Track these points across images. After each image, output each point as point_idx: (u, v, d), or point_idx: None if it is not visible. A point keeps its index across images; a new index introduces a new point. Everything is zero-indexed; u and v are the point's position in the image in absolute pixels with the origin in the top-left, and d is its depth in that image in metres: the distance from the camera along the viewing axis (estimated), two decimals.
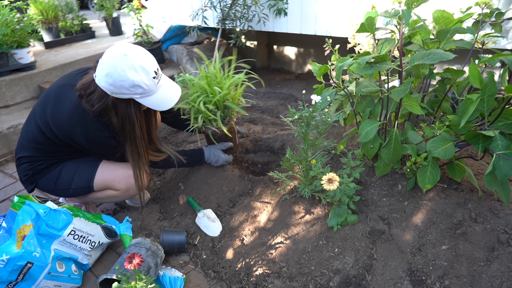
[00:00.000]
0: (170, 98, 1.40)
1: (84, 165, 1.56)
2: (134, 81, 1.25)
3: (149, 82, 1.29)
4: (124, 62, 1.24)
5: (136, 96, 1.31)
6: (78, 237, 1.44)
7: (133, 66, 1.24)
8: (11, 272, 1.24)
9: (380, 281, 1.32)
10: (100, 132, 1.40)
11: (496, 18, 1.49)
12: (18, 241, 1.30)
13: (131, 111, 1.35)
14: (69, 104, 1.37)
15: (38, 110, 1.45)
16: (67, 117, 1.37)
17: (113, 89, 1.27)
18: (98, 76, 1.29)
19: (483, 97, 1.24)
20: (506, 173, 1.20)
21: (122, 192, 1.60)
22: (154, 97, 1.34)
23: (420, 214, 1.48)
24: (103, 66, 1.26)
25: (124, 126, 1.38)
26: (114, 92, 1.28)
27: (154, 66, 1.32)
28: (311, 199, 1.67)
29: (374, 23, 1.37)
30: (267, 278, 1.41)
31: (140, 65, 1.25)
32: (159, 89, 1.36)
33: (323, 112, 1.47)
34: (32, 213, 1.34)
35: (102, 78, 1.27)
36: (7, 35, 2.95)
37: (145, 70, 1.27)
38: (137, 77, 1.25)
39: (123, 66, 1.23)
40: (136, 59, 1.25)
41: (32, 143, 1.47)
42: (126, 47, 1.28)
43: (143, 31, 3.66)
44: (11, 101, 3.11)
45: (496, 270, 1.22)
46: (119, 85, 1.25)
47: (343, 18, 2.61)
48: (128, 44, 1.30)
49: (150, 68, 1.29)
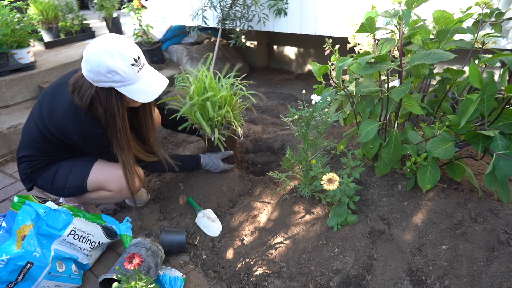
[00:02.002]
0: (153, 89, 1.34)
1: (79, 165, 1.55)
2: (110, 66, 1.21)
3: (127, 69, 1.25)
4: (101, 47, 1.22)
5: (115, 84, 1.27)
6: (78, 237, 1.44)
7: (109, 51, 1.22)
8: (11, 272, 1.24)
9: (380, 281, 1.32)
10: (93, 128, 1.38)
11: (496, 18, 1.49)
12: (18, 241, 1.30)
13: (112, 101, 1.31)
14: (63, 101, 1.36)
15: (36, 110, 1.46)
16: (62, 115, 1.37)
17: (92, 76, 1.25)
18: (82, 66, 1.28)
19: (483, 97, 1.24)
20: (506, 173, 1.20)
21: (115, 193, 1.58)
22: (134, 87, 1.30)
23: (420, 214, 1.48)
24: (84, 54, 1.25)
25: (106, 117, 1.35)
26: (94, 80, 1.26)
27: (134, 53, 1.27)
28: (311, 199, 1.67)
29: (374, 23, 1.37)
30: (267, 278, 1.41)
31: (117, 50, 1.23)
32: (141, 78, 1.31)
33: (323, 112, 1.47)
34: (32, 213, 1.34)
35: (83, 66, 1.26)
36: (7, 35, 2.95)
37: (122, 55, 1.23)
38: (112, 62, 1.22)
39: (99, 51, 1.22)
40: (114, 45, 1.23)
41: (31, 142, 1.48)
42: (108, 35, 1.27)
43: (143, 31, 3.66)
44: (11, 101, 3.11)
45: (496, 270, 1.22)
46: (96, 71, 1.23)
47: (343, 18, 2.61)
48: (111, 34, 1.28)
49: (128, 54, 1.25)
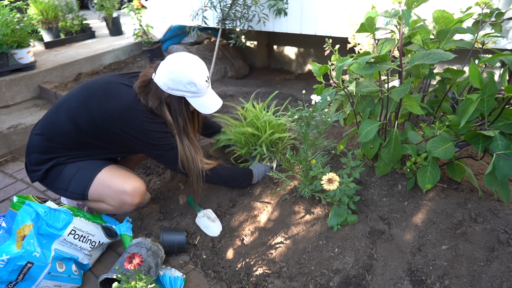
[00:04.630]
0: (214, 103, 1.54)
1: (84, 171, 1.53)
2: (192, 78, 1.41)
3: (203, 83, 1.45)
4: (187, 62, 1.43)
5: (188, 94, 1.45)
6: (79, 236, 1.44)
7: (193, 66, 1.43)
8: (11, 272, 1.24)
9: (380, 281, 1.32)
10: (157, 125, 1.48)
11: (496, 18, 1.49)
12: (18, 241, 1.30)
13: (183, 108, 1.49)
14: (125, 98, 1.45)
15: (75, 104, 1.48)
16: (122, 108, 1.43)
17: (171, 84, 1.41)
18: (158, 74, 1.44)
19: (483, 97, 1.24)
20: (506, 173, 1.20)
21: (115, 208, 1.57)
22: (202, 99, 1.48)
23: (420, 214, 1.48)
24: (166, 65, 1.42)
25: (178, 121, 1.50)
26: (171, 87, 1.42)
27: (207, 72, 1.49)
28: (311, 199, 1.67)
29: (374, 23, 1.37)
30: (267, 278, 1.41)
31: (198, 67, 1.44)
32: (207, 93, 1.51)
33: (323, 112, 1.47)
34: (32, 213, 1.34)
35: (163, 74, 1.42)
36: (7, 35, 2.95)
37: (201, 72, 1.45)
38: (195, 76, 1.41)
39: (186, 64, 1.42)
40: (195, 62, 1.45)
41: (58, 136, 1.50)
42: (188, 53, 1.48)
43: (143, 31, 3.66)
44: (11, 101, 3.11)
45: (496, 270, 1.22)
46: (178, 80, 1.40)
47: (343, 18, 2.61)
48: (188, 53, 1.49)
49: (205, 72, 1.48)
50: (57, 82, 3.36)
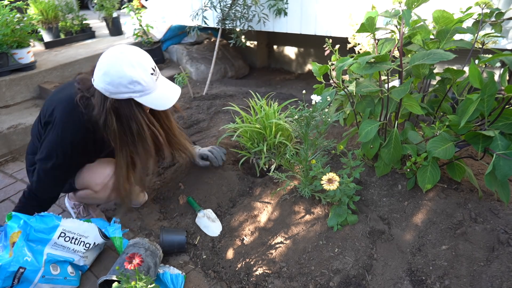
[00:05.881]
0: (169, 96, 1.37)
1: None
2: (132, 76, 1.23)
3: (147, 78, 1.27)
4: (121, 59, 1.24)
5: (135, 94, 1.28)
6: (70, 239, 1.42)
7: (130, 62, 1.24)
8: (4, 279, 1.25)
9: (380, 281, 1.32)
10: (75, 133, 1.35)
11: (496, 18, 1.49)
12: (10, 249, 1.31)
13: (134, 110, 1.33)
14: (66, 93, 1.37)
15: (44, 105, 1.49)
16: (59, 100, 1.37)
17: (111, 89, 1.25)
18: (96, 78, 1.27)
19: (483, 97, 1.24)
20: (506, 173, 1.20)
21: (100, 193, 1.55)
22: (153, 96, 1.32)
23: (420, 214, 1.48)
24: (100, 67, 1.25)
25: (131, 128, 1.35)
26: (113, 92, 1.26)
27: (151, 62, 1.31)
28: (311, 199, 1.67)
29: (374, 23, 1.37)
30: (267, 278, 1.41)
31: (137, 61, 1.25)
32: (158, 87, 1.34)
33: (323, 112, 1.47)
34: (19, 221, 1.34)
35: (99, 79, 1.25)
36: (7, 35, 2.95)
37: (142, 65, 1.26)
38: (134, 73, 1.24)
39: (120, 62, 1.23)
40: (132, 55, 1.25)
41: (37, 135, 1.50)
42: (122, 46, 1.28)
43: (143, 31, 3.66)
44: (11, 101, 3.11)
45: (496, 270, 1.22)
46: (117, 82, 1.23)
47: (343, 18, 2.61)
48: (123, 45, 1.30)
49: (147, 64, 1.28)
50: (57, 82, 3.36)
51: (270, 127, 1.90)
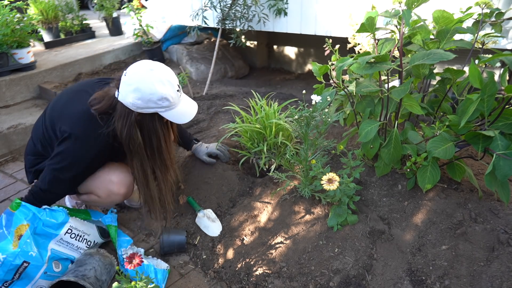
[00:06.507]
0: (190, 111, 1.44)
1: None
2: (163, 94, 1.28)
3: (174, 94, 1.33)
4: (152, 76, 1.27)
5: (161, 109, 1.33)
6: (75, 236, 1.44)
7: (160, 79, 1.28)
8: (7, 272, 1.25)
9: (380, 281, 1.32)
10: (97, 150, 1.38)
11: (496, 18, 1.49)
12: (14, 240, 1.30)
13: (157, 125, 1.38)
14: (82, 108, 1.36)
15: (48, 109, 1.49)
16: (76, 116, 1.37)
17: (141, 104, 1.28)
18: (123, 93, 1.29)
19: (483, 97, 1.24)
20: (506, 173, 1.20)
21: (103, 199, 1.56)
22: (176, 110, 1.37)
23: (420, 214, 1.48)
24: (130, 82, 1.27)
25: (152, 141, 1.40)
26: (141, 107, 1.29)
27: (176, 79, 1.37)
28: (311, 199, 1.67)
29: (374, 23, 1.37)
30: (267, 278, 1.41)
31: (166, 78, 1.30)
32: (181, 102, 1.40)
33: (323, 112, 1.47)
34: (28, 213, 1.34)
35: (128, 94, 1.28)
36: (7, 35, 2.95)
37: (170, 83, 1.31)
38: (165, 90, 1.28)
39: (151, 80, 1.26)
40: (162, 72, 1.30)
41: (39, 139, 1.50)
42: (149, 62, 1.32)
43: (143, 31, 3.66)
44: (11, 101, 3.11)
45: (496, 270, 1.22)
46: (147, 99, 1.27)
47: (343, 18, 2.61)
48: (149, 61, 1.33)
49: (174, 81, 1.34)
50: (57, 82, 3.36)
51: (270, 127, 1.91)
